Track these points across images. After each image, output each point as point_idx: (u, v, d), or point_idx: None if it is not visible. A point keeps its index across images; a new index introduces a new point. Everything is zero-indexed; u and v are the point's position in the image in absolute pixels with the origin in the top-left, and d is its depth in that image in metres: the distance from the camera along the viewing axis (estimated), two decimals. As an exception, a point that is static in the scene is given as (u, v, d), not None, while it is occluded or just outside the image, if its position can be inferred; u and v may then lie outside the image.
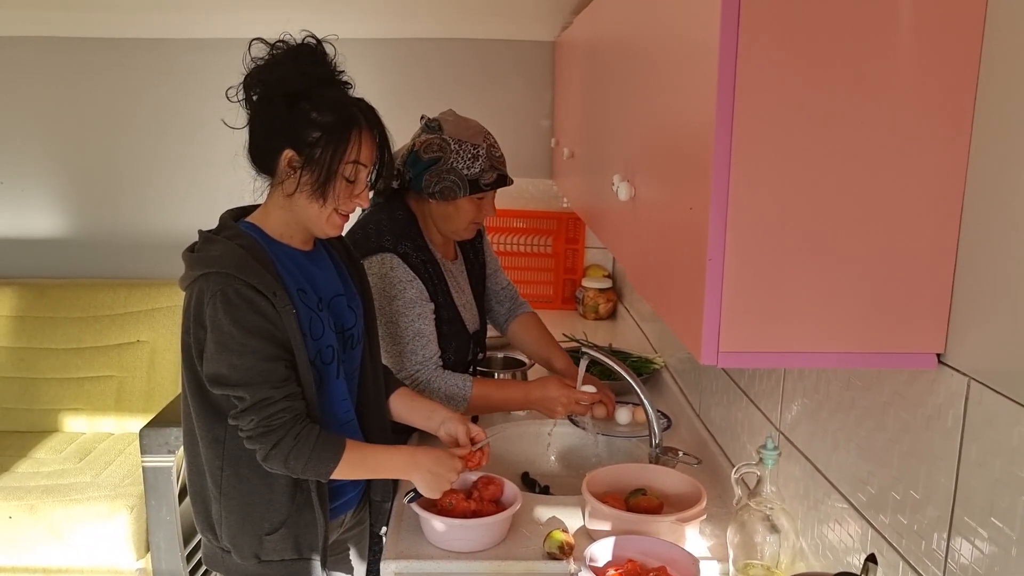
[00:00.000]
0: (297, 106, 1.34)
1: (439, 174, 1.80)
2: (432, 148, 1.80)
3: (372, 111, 1.42)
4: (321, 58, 1.38)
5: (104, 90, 3.21)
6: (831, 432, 1.22)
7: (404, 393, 1.68)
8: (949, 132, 0.86)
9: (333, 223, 1.42)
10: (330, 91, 1.37)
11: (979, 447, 0.85)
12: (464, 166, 1.80)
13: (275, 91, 1.35)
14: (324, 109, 1.35)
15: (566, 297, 3.37)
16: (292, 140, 1.35)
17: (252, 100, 1.38)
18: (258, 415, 1.33)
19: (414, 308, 1.79)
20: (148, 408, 2.98)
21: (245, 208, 1.49)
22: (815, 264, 0.88)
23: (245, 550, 1.47)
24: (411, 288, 1.79)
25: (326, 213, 1.40)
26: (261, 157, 1.41)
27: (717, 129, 0.84)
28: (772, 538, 1.26)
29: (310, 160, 1.35)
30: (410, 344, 1.79)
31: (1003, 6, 0.82)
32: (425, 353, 1.81)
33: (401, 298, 1.78)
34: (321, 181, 1.36)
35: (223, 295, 1.32)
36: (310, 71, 1.36)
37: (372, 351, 1.62)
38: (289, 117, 1.35)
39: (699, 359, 0.90)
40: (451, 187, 1.80)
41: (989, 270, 0.84)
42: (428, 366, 1.81)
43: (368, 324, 1.61)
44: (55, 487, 2.63)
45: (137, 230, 3.32)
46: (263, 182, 1.45)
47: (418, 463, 1.45)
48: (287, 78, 1.35)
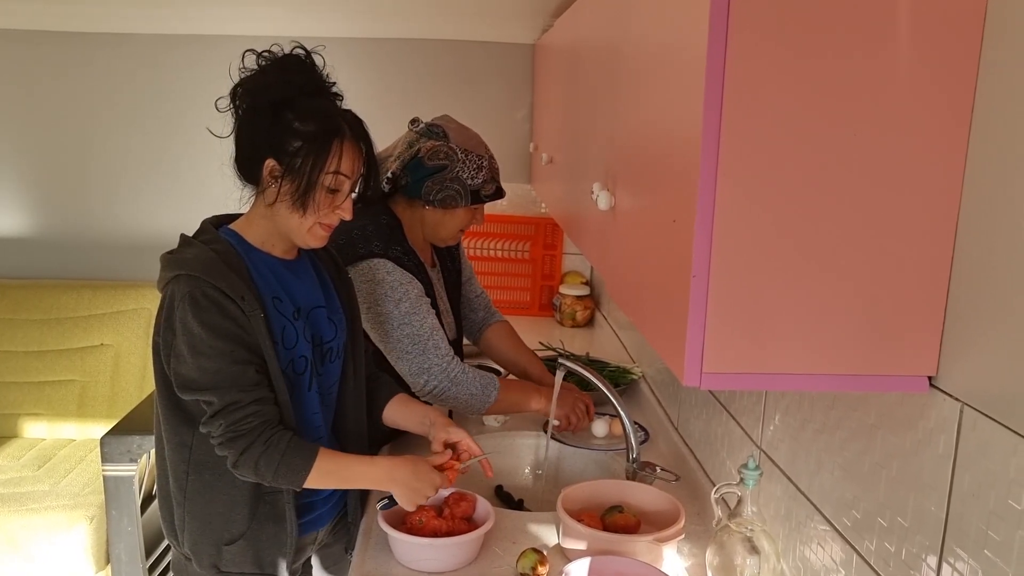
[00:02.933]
0: (281, 115, 1.33)
1: (443, 182, 1.77)
2: (439, 155, 1.77)
3: (359, 123, 1.39)
4: (309, 68, 1.36)
5: (73, 86, 3.12)
6: (815, 452, 1.18)
7: (400, 399, 1.64)
8: (944, 148, 0.82)
9: (315, 234, 1.39)
10: (315, 101, 1.35)
11: (972, 476, 0.82)
12: (469, 176, 1.78)
13: (260, 100, 1.34)
14: (307, 119, 1.33)
15: (543, 304, 3.33)
16: (274, 149, 1.33)
17: (239, 110, 1.36)
18: (226, 419, 1.30)
19: (422, 305, 1.76)
20: (111, 414, 2.90)
21: (230, 215, 1.47)
22: (804, 282, 0.84)
23: (204, 559, 1.44)
24: (413, 288, 1.75)
25: (307, 224, 1.37)
26: (245, 166, 1.39)
27: (703, 138, 0.80)
28: (752, 560, 1.23)
29: (291, 169, 1.33)
30: (430, 340, 1.74)
31: (1003, 18, 0.78)
32: (445, 346, 1.77)
33: (407, 299, 1.74)
34: (301, 191, 1.33)
35: (191, 297, 1.30)
36: (296, 80, 1.34)
37: (356, 366, 1.57)
38: (272, 126, 1.33)
39: (681, 380, 0.86)
40: (453, 196, 1.78)
41: (984, 290, 0.80)
42: (452, 361, 1.77)
43: (352, 339, 1.56)
44: (11, 495, 2.53)
45: (104, 230, 3.22)
46: (249, 192, 1.42)
47: (395, 477, 1.40)
48: (272, 87, 1.33)
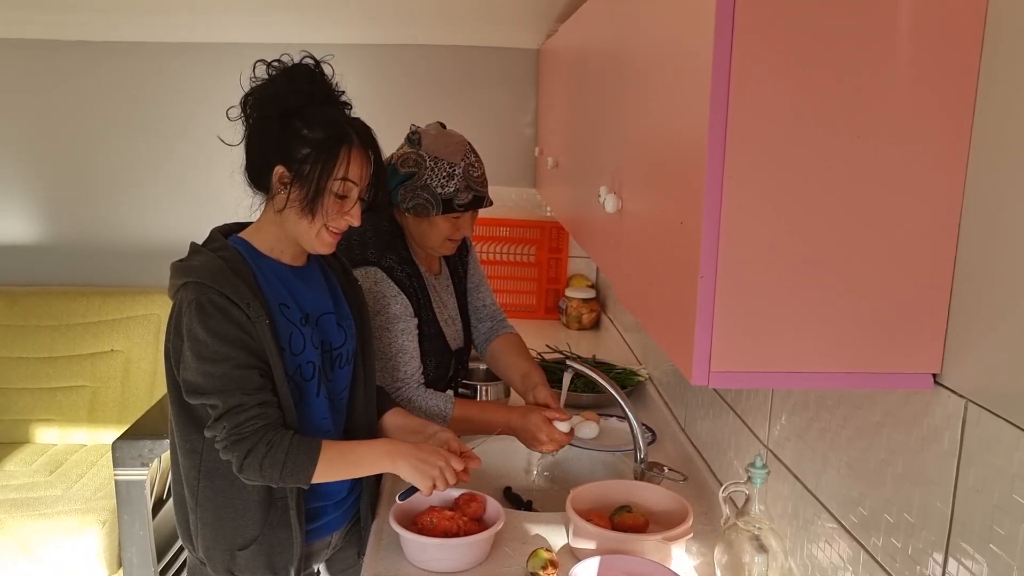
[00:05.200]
0: (290, 123, 1.35)
1: (413, 190, 1.74)
2: (408, 162, 1.75)
3: (367, 130, 1.41)
4: (318, 77, 1.39)
5: (82, 94, 3.15)
6: (821, 451, 1.19)
7: (397, 412, 1.64)
8: (947, 149, 0.84)
9: (323, 240, 1.41)
10: (324, 109, 1.37)
11: (977, 472, 0.83)
12: (438, 184, 1.73)
13: (269, 109, 1.36)
14: (315, 126, 1.35)
15: (549, 307, 3.34)
16: (283, 156, 1.36)
17: (249, 118, 1.39)
18: (230, 422, 1.32)
19: (397, 324, 1.75)
20: (122, 419, 2.91)
21: (240, 224, 1.49)
22: (810, 281, 0.85)
23: (218, 564, 1.45)
24: (395, 303, 1.75)
25: (315, 229, 1.39)
26: (255, 174, 1.41)
27: (710, 141, 0.82)
28: (760, 558, 1.24)
29: (299, 176, 1.35)
30: (392, 360, 1.75)
31: (1003, 22, 0.80)
32: (407, 370, 1.76)
33: (384, 313, 1.74)
34: (310, 197, 1.35)
35: (198, 304, 1.32)
36: (305, 89, 1.36)
37: (366, 372, 1.58)
38: (281, 134, 1.35)
39: (690, 379, 0.87)
40: (424, 204, 1.74)
41: (987, 287, 0.82)
42: (410, 383, 1.76)
43: (363, 345, 1.57)
44: (24, 500, 2.55)
45: (113, 237, 3.24)
46: (260, 199, 1.44)
47: (399, 451, 1.42)
48: (281, 96, 1.36)
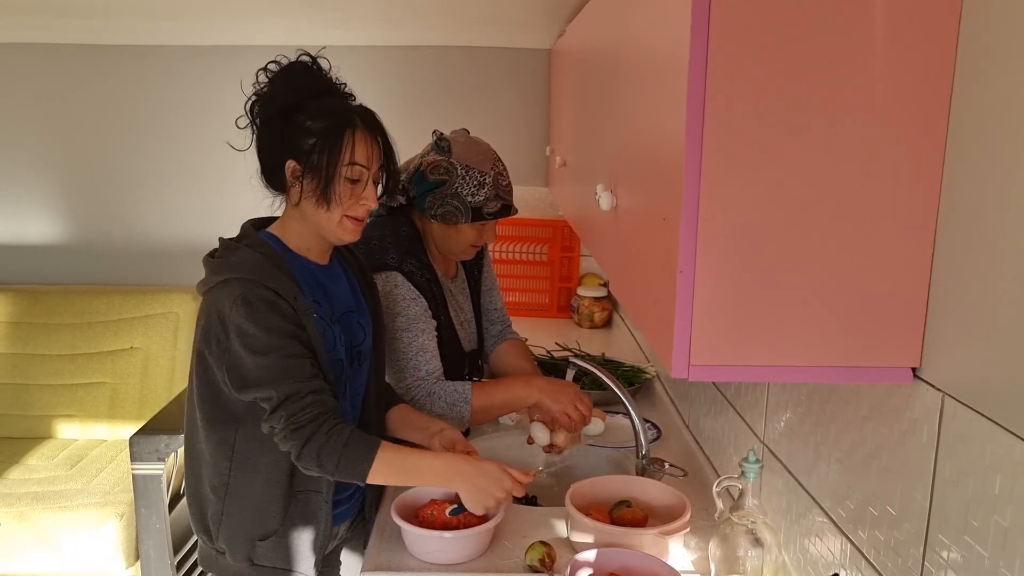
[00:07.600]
0: (293, 118, 1.37)
1: (443, 198, 1.76)
2: (439, 170, 1.76)
3: (370, 114, 1.43)
4: (314, 72, 1.41)
5: (100, 96, 3.21)
6: (813, 445, 1.20)
7: (402, 409, 1.66)
8: (923, 145, 0.85)
9: (345, 228, 1.42)
10: (324, 100, 1.39)
11: (953, 464, 0.84)
12: (469, 193, 1.75)
13: (271, 109, 1.39)
14: (317, 117, 1.37)
15: (561, 306, 3.36)
16: (291, 151, 1.38)
17: (254, 123, 1.42)
18: (286, 411, 1.32)
19: (418, 324, 1.77)
20: (141, 415, 2.97)
21: (265, 219, 1.51)
22: (788, 276, 0.87)
23: (239, 553, 1.48)
24: (415, 306, 1.77)
25: (335, 218, 1.41)
26: (269, 175, 1.44)
27: (687, 139, 0.83)
28: (754, 552, 1.25)
29: (309, 167, 1.38)
30: (413, 360, 1.76)
31: (978, 19, 0.81)
32: (428, 368, 1.77)
33: (404, 315, 1.76)
34: (322, 186, 1.37)
35: (244, 299, 1.33)
36: (303, 85, 1.39)
37: (378, 369, 1.61)
38: (286, 130, 1.38)
39: (670, 372, 0.89)
40: (453, 212, 1.77)
41: (964, 284, 0.82)
42: (430, 380, 1.77)
43: (376, 341, 1.60)
44: (45, 494, 2.62)
45: (132, 237, 3.31)
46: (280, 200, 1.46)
47: (462, 471, 1.39)
48: (280, 94, 1.38)
